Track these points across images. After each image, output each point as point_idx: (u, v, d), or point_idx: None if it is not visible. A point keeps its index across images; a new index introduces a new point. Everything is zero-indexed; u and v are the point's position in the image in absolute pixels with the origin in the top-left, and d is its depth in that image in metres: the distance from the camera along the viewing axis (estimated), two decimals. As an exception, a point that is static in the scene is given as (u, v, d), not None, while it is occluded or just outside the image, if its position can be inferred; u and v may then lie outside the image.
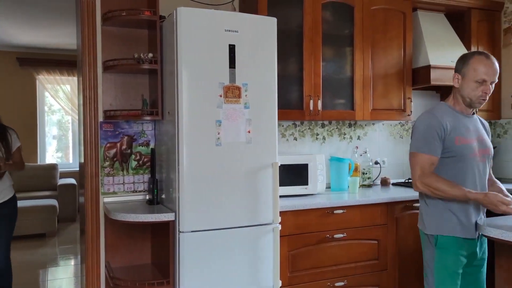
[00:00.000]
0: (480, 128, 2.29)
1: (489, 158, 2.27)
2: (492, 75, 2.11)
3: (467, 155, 2.15)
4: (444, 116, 2.19)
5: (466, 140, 2.15)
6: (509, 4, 3.76)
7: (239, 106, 2.55)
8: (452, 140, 2.14)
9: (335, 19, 3.32)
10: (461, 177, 2.15)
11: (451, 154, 2.15)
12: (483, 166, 2.22)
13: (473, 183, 2.17)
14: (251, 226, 2.59)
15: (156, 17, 2.74)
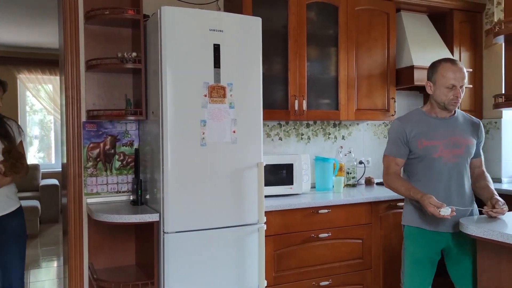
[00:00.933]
0: (459, 129, 2.35)
1: (463, 158, 2.33)
2: (461, 80, 2.24)
3: (430, 155, 2.30)
4: (410, 122, 2.37)
5: (430, 142, 2.30)
6: (490, 5, 3.81)
7: (224, 106, 2.54)
8: (415, 143, 2.32)
9: (319, 19, 3.33)
10: (428, 176, 2.32)
11: (415, 155, 2.34)
12: (455, 165, 2.31)
13: (442, 181, 2.30)
14: (236, 226, 2.58)
15: (140, 16, 2.72)
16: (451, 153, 2.30)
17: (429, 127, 2.34)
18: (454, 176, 2.31)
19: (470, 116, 2.48)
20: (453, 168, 2.31)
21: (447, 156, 2.30)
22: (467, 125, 2.39)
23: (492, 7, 3.77)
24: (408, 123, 2.36)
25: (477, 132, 2.40)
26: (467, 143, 2.34)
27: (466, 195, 2.34)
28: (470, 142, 2.35)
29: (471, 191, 2.38)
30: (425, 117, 2.37)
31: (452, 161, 2.30)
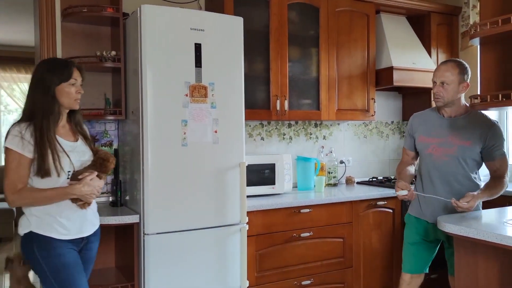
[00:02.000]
0: (459, 130, 2.39)
1: (454, 157, 2.40)
2: (438, 76, 2.40)
3: (423, 151, 2.53)
4: (419, 118, 2.60)
5: (426, 139, 2.51)
6: (466, 8, 3.89)
7: (206, 105, 2.53)
8: (416, 138, 2.57)
9: (301, 20, 3.34)
10: (422, 169, 2.56)
11: (417, 149, 2.59)
12: (445, 163, 2.43)
13: (430, 176, 2.49)
14: (218, 227, 2.57)
15: (119, 14, 2.68)
16: (442, 152, 2.43)
17: (431, 125, 2.51)
18: (443, 173, 2.43)
19: (487, 117, 2.44)
20: (443, 166, 2.43)
21: (438, 154, 2.44)
22: (474, 127, 2.39)
23: (468, 10, 3.84)
24: (416, 119, 2.61)
25: (486, 134, 2.36)
26: (460, 144, 2.38)
27: (457, 193, 2.35)
28: (466, 144, 2.38)
29: (468, 189, 2.37)
30: (433, 116, 2.53)
31: (442, 159, 2.43)
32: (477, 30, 2.05)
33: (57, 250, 1.96)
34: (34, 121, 1.95)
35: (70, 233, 2.01)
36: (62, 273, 1.95)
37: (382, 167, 4.05)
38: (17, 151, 1.91)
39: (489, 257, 2.02)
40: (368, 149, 3.99)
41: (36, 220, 1.97)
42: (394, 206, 3.28)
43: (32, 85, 2.01)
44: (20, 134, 1.92)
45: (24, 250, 2.00)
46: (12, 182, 1.92)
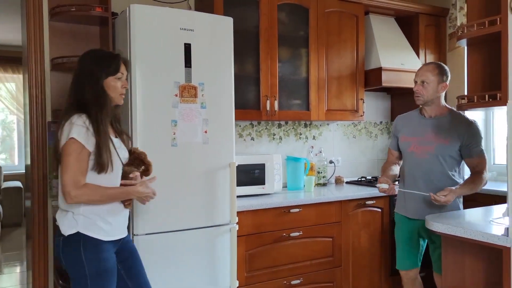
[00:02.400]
0: (438, 129, 2.53)
1: (433, 155, 2.53)
2: (419, 76, 2.55)
3: (405, 150, 2.67)
4: (402, 119, 2.76)
5: (407, 138, 2.65)
6: (453, 10, 3.93)
7: (196, 106, 2.52)
8: (399, 138, 2.72)
9: (290, 20, 3.35)
10: (406, 167, 2.68)
11: (400, 148, 2.72)
12: (424, 161, 2.56)
13: (412, 173, 2.62)
14: (208, 227, 2.56)
15: (108, 14, 2.67)
16: (423, 150, 2.56)
17: (413, 125, 2.65)
18: (423, 170, 2.56)
19: (464, 116, 2.55)
20: (423, 163, 2.56)
21: (419, 152, 2.57)
22: (453, 126, 2.51)
23: (455, 11, 3.89)
24: (400, 120, 2.77)
25: (464, 133, 2.48)
26: (439, 142, 2.52)
27: (437, 189, 2.44)
28: (446, 142, 2.50)
29: (447, 185, 2.46)
30: (415, 116, 2.68)
31: (422, 157, 2.56)
32: (464, 31, 2.08)
33: (103, 254, 1.90)
34: (88, 112, 1.86)
35: (115, 234, 1.97)
36: (101, 278, 1.88)
37: (371, 166, 4.08)
38: (82, 142, 1.82)
39: (475, 256, 2.05)
40: (357, 149, 4.02)
41: (83, 220, 1.88)
42: (383, 205, 3.31)
43: (80, 77, 1.93)
44: (85, 125, 1.84)
45: (65, 250, 1.90)
46: (75, 176, 1.81)
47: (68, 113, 1.88)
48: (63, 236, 1.90)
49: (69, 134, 1.83)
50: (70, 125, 1.84)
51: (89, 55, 1.99)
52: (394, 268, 3.30)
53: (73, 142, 1.82)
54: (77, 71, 1.96)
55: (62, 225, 1.91)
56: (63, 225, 1.90)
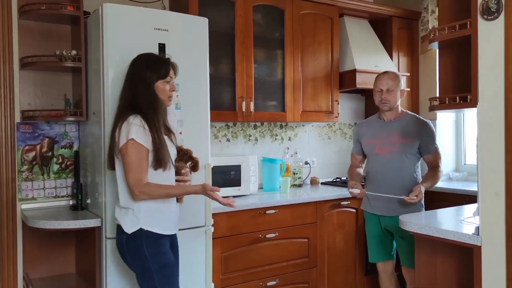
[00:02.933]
0: (398, 131, 2.72)
1: (397, 154, 2.69)
2: (383, 85, 2.71)
3: (370, 152, 2.82)
4: (363, 125, 2.94)
5: (371, 141, 2.81)
6: (425, 13, 4.01)
7: (170, 107, 2.48)
8: (363, 142, 2.86)
9: (266, 22, 3.35)
10: (371, 168, 2.83)
11: (364, 151, 2.87)
12: (390, 160, 2.71)
13: (379, 172, 2.76)
14: (183, 230, 2.52)
15: (80, 13, 2.61)
16: (387, 150, 2.72)
17: (374, 129, 2.83)
18: (389, 169, 2.71)
19: (419, 118, 2.80)
20: (388, 162, 2.72)
21: (383, 153, 2.74)
22: (411, 127, 2.72)
23: (427, 15, 3.96)
24: (361, 126, 2.95)
25: (421, 132, 2.71)
26: (402, 142, 2.70)
27: (403, 185, 2.66)
28: (407, 141, 2.70)
29: (412, 183, 2.68)
30: (375, 121, 2.86)
31: (387, 157, 2.72)
32: (436, 34, 2.12)
33: (164, 248, 2.02)
34: (143, 113, 1.96)
35: (172, 229, 2.10)
36: (165, 270, 1.99)
37: (345, 167, 4.07)
38: (141, 143, 1.92)
39: (447, 255, 2.09)
40: (332, 150, 4.04)
41: (145, 216, 1.98)
42: (357, 206, 3.34)
43: (132, 79, 2.03)
44: (142, 125, 1.94)
45: (130, 248, 2.00)
46: (138, 175, 1.92)
47: (124, 114, 1.98)
48: (126, 234, 1.99)
49: (128, 135, 1.92)
50: (128, 126, 1.94)
51: (142, 59, 2.08)
52: (369, 268, 3.35)
53: (133, 143, 1.93)
54: (130, 74, 2.05)
55: (124, 223, 2.00)
56: (125, 224, 2.00)
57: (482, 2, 1.80)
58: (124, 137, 1.93)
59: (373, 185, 2.76)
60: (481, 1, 1.81)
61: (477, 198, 1.87)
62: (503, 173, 1.76)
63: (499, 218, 1.78)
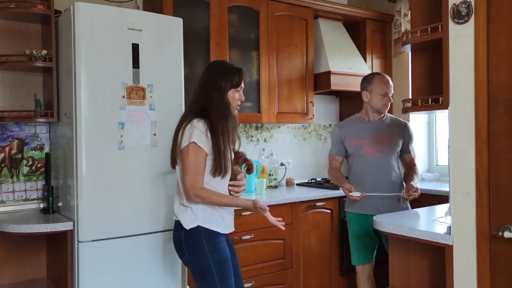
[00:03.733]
0: (384, 130, 2.81)
1: (386, 153, 2.77)
2: (388, 88, 2.80)
3: (358, 152, 2.81)
4: (344, 126, 2.91)
5: (358, 142, 2.81)
6: (398, 16, 4.07)
7: (144, 107, 2.46)
8: (347, 143, 2.85)
9: (241, 23, 3.35)
10: (359, 168, 2.82)
11: (349, 152, 2.87)
12: (379, 159, 2.76)
13: (369, 172, 2.76)
14: (157, 232, 2.50)
15: (51, 12, 2.55)
16: (375, 149, 2.77)
17: (358, 129, 2.84)
18: (379, 168, 2.76)
19: (399, 119, 2.92)
20: (378, 162, 2.76)
21: (372, 152, 2.77)
22: (393, 127, 2.84)
23: (400, 18, 4.03)
24: (342, 127, 2.91)
25: (403, 132, 2.83)
26: (389, 141, 2.79)
27: (392, 182, 2.76)
28: (394, 140, 2.80)
29: (399, 180, 2.80)
30: (357, 122, 2.88)
31: (376, 156, 2.77)
32: (408, 37, 2.15)
33: (221, 245, 2.09)
34: (210, 118, 2.02)
35: (228, 228, 2.16)
36: (224, 266, 2.06)
37: (320, 168, 4.15)
38: (202, 147, 2.00)
39: (420, 254, 2.12)
40: (307, 151, 4.07)
41: (203, 214, 2.06)
42: (332, 206, 3.37)
43: (206, 85, 2.09)
44: (205, 130, 2.00)
45: (188, 243, 2.07)
46: (194, 178, 2.00)
47: (190, 117, 2.05)
48: (184, 230, 2.06)
49: (190, 138, 2.00)
50: (191, 128, 2.01)
51: (218, 67, 2.15)
52: (344, 268, 3.38)
53: (193, 146, 2.00)
54: (204, 80, 2.10)
55: (183, 220, 2.07)
56: (184, 220, 2.07)
57: (453, 6, 1.84)
58: (187, 139, 2.01)
59: (361, 185, 2.73)
60: (452, 5, 1.84)
61: (449, 198, 1.91)
62: (473, 173, 1.80)
63: (470, 218, 1.82)
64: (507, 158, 1.72)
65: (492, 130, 1.76)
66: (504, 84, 1.72)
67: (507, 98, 1.71)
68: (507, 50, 1.71)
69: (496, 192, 1.75)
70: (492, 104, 1.75)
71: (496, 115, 1.75)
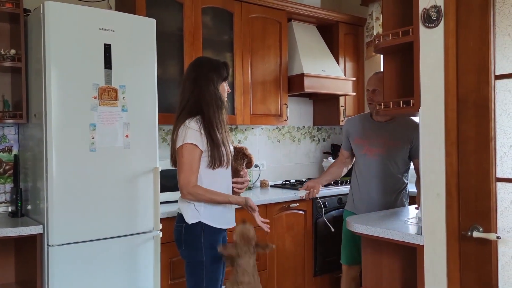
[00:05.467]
0: (388, 133, 2.68)
1: (384, 156, 2.67)
2: (370, 85, 2.74)
3: (359, 152, 2.78)
4: (352, 122, 2.88)
5: (360, 141, 2.77)
6: (370, 20, 4.14)
7: (116, 109, 2.42)
8: (351, 140, 2.83)
9: (215, 24, 3.34)
10: (358, 167, 2.79)
11: (353, 150, 2.83)
12: (376, 162, 2.68)
13: (365, 173, 2.73)
14: (130, 235, 2.47)
15: (20, 11, 2.49)
16: (374, 151, 2.70)
17: (363, 128, 2.79)
18: (375, 171, 2.69)
19: (412, 120, 2.69)
20: (375, 164, 2.69)
21: (371, 154, 2.71)
22: (402, 130, 2.67)
23: (372, 21, 4.10)
24: (350, 122, 2.90)
25: (411, 136, 2.62)
26: (390, 144, 2.67)
27: (388, 188, 2.67)
28: (396, 144, 2.66)
29: (397, 186, 2.69)
30: (366, 120, 2.81)
31: (374, 158, 2.69)
32: (380, 40, 2.19)
33: (218, 243, 2.13)
34: (204, 113, 2.07)
35: (229, 223, 2.20)
36: (215, 264, 2.11)
37: (294, 170, 4.17)
38: (196, 145, 2.04)
39: (392, 254, 2.16)
40: (281, 153, 4.08)
41: (205, 210, 2.10)
42: (306, 208, 3.39)
43: (196, 80, 2.12)
44: (198, 127, 2.05)
45: (186, 237, 2.11)
46: (188, 176, 2.05)
47: (183, 118, 2.09)
48: (186, 224, 2.10)
49: (184, 139, 2.05)
50: (184, 129, 2.05)
51: (205, 62, 2.20)
52: (317, 269, 3.41)
53: (186, 146, 2.05)
54: (193, 76, 2.14)
55: (186, 214, 2.11)
56: (187, 215, 2.11)
57: (423, 10, 1.88)
58: (180, 140, 2.06)
59: (358, 186, 2.77)
60: (423, 10, 1.89)
61: (420, 199, 1.95)
62: (443, 174, 1.85)
63: (440, 218, 1.86)
64: (476, 159, 1.76)
65: (461, 132, 1.80)
66: (473, 87, 1.77)
67: (476, 100, 1.76)
68: (475, 54, 1.76)
69: (465, 193, 1.80)
70: (462, 107, 1.80)
71: (465, 117, 1.79)
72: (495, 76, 1.73)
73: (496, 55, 1.73)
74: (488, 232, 1.73)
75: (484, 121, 1.74)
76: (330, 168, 2.94)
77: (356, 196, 2.78)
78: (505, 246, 1.73)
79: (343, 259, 2.85)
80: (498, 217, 1.73)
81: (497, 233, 1.72)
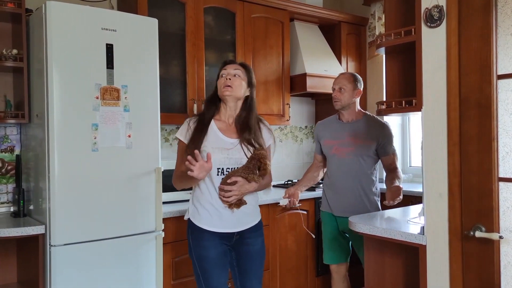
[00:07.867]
0: (356, 132, 2.75)
1: (355, 155, 2.72)
2: (336, 83, 2.81)
3: (328, 152, 2.84)
4: (322, 125, 2.94)
5: (329, 142, 2.83)
6: (372, 20, 4.14)
7: (118, 109, 2.42)
8: (322, 142, 2.88)
9: (217, 24, 3.34)
10: (330, 168, 2.84)
11: (324, 152, 2.88)
12: (347, 161, 2.74)
13: (337, 173, 2.78)
14: (132, 235, 2.47)
15: (22, 10, 2.50)
16: (344, 151, 2.75)
17: (332, 129, 2.85)
18: (346, 170, 2.74)
19: (379, 120, 2.81)
20: (346, 164, 2.74)
21: (341, 154, 2.76)
22: (369, 128, 2.76)
23: (374, 21, 4.09)
24: (321, 126, 2.96)
25: (378, 134, 2.73)
26: (359, 143, 2.72)
27: (360, 186, 2.73)
28: (365, 143, 2.72)
29: (367, 185, 2.74)
30: (335, 122, 2.88)
31: (344, 157, 2.75)
32: (382, 40, 2.18)
33: (204, 242, 2.11)
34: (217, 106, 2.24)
35: (217, 226, 2.11)
36: (203, 262, 2.11)
37: (296, 170, 4.16)
38: (181, 138, 2.15)
39: (395, 254, 2.15)
40: (283, 153, 4.08)
41: (193, 209, 2.16)
42: (308, 207, 3.39)
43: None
44: (188, 123, 2.16)
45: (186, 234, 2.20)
46: (175, 168, 2.17)
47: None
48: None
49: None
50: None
51: None
52: (320, 269, 3.40)
53: (177, 140, 2.21)
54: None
55: (187, 211, 2.22)
56: (187, 211, 2.21)
57: (426, 10, 1.88)
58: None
59: (331, 187, 2.80)
60: (425, 9, 1.88)
61: (422, 199, 1.95)
62: (446, 174, 1.84)
63: (442, 218, 1.86)
64: (478, 159, 1.76)
65: (464, 131, 1.80)
66: (475, 86, 1.76)
67: (478, 100, 1.75)
68: (477, 53, 1.76)
69: (467, 192, 1.79)
70: (464, 106, 1.79)
71: (467, 117, 1.79)
72: (497, 75, 1.73)
73: (498, 54, 1.73)
74: (490, 232, 1.72)
75: (486, 121, 1.73)
76: (307, 174, 2.98)
77: (328, 195, 2.82)
78: (508, 245, 1.73)
79: (329, 260, 2.87)
80: (501, 216, 1.73)
81: (499, 233, 1.71)
